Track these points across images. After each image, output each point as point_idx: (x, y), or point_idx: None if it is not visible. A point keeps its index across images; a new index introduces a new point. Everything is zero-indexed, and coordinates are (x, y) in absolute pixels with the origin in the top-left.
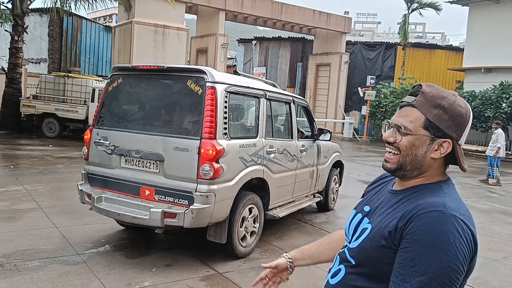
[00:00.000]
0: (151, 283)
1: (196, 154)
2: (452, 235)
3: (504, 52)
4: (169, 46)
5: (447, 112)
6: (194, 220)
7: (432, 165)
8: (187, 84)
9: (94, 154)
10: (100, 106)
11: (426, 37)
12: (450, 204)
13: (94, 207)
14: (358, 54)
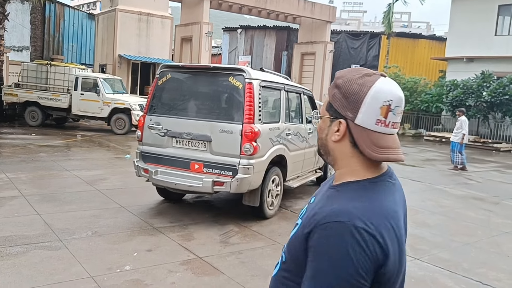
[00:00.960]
0: (132, 267)
1: (239, 135)
2: (352, 249)
3: (484, 42)
4: (153, 34)
5: (340, 90)
6: (238, 187)
7: (342, 151)
8: (229, 80)
9: (147, 136)
10: (151, 97)
11: (411, 26)
12: (358, 212)
13: (152, 179)
14: (343, 43)
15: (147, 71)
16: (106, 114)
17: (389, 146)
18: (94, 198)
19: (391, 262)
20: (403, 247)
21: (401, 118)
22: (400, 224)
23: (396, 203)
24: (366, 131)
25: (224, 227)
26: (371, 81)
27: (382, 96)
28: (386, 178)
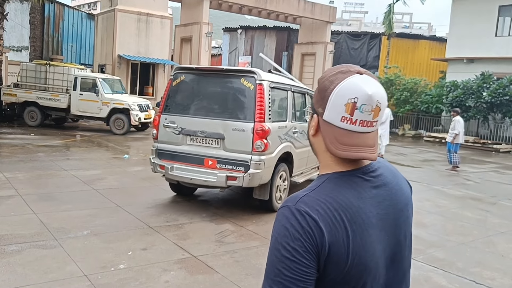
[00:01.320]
0: (127, 266)
1: (251, 133)
2: (292, 228)
3: (484, 43)
4: (153, 34)
5: (318, 86)
6: (250, 181)
7: (318, 146)
8: (241, 81)
9: (162, 134)
10: (166, 97)
11: (412, 27)
12: (306, 199)
13: (168, 175)
14: (343, 44)
15: (146, 72)
16: (105, 114)
17: (354, 143)
18: (91, 198)
19: (337, 253)
20: (364, 243)
21: (377, 117)
22: (359, 219)
23: (361, 198)
24: (331, 127)
25: (220, 227)
26: (341, 78)
27: (347, 93)
28: (355, 173)
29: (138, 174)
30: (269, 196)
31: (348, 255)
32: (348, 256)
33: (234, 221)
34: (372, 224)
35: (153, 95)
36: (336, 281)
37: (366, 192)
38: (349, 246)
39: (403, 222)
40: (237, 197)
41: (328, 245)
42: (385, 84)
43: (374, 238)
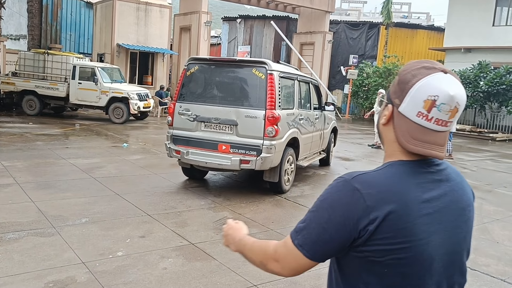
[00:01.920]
0: (124, 253)
1: (263, 120)
2: (338, 200)
3: (482, 33)
4: (152, 23)
5: (398, 77)
6: (262, 164)
7: (387, 136)
8: (252, 71)
9: (177, 121)
10: (180, 86)
11: (411, 17)
12: (363, 177)
13: (184, 159)
14: (342, 34)
15: (145, 60)
16: (104, 103)
17: (425, 140)
18: (89, 186)
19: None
20: (417, 230)
21: (453, 118)
22: (414, 206)
23: (420, 187)
24: (406, 120)
25: (218, 214)
26: (424, 74)
27: (429, 89)
28: (419, 163)
29: (137, 162)
30: (278, 179)
31: (397, 236)
32: (397, 237)
33: (232, 209)
34: (429, 213)
35: (152, 84)
36: (386, 266)
37: (427, 182)
38: (400, 230)
39: (463, 222)
40: (236, 186)
41: (375, 223)
42: (383, 73)
43: (429, 228)
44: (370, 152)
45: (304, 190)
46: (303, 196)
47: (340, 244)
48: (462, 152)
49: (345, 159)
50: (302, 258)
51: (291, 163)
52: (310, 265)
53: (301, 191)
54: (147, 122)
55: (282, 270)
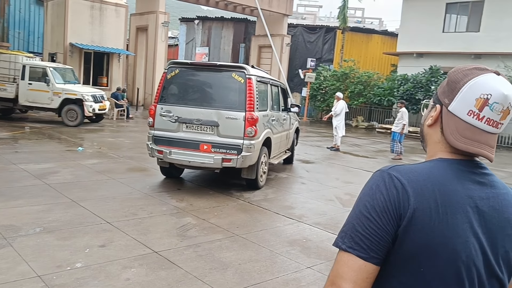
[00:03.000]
0: (84, 264)
1: (243, 121)
2: (376, 188)
3: (433, 39)
4: (107, 23)
5: (448, 78)
6: (242, 163)
7: (432, 137)
8: (232, 76)
9: (159, 122)
10: (161, 88)
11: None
12: (401, 167)
13: (166, 158)
14: (300, 37)
15: (100, 61)
16: (56, 105)
17: (475, 139)
18: (43, 193)
19: (422, 221)
20: (454, 224)
21: (504, 120)
22: (454, 201)
23: (461, 184)
24: (455, 119)
25: (181, 220)
26: (477, 74)
27: (482, 88)
28: (462, 162)
29: (94, 167)
30: (255, 176)
31: (435, 228)
32: (433, 228)
33: (196, 215)
34: (468, 212)
35: (107, 86)
36: (420, 260)
37: (469, 182)
38: (438, 220)
39: (506, 235)
40: (198, 190)
41: (413, 209)
42: (340, 77)
43: (469, 227)
44: (330, 154)
45: (267, 193)
46: (266, 200)
47: (388, 232)
48: (416, 154)
49: (306, 162)
50: (357, 261)
51: (265, 162)
52: (369, 271)
53: (264, 195)
54: (103, 125)
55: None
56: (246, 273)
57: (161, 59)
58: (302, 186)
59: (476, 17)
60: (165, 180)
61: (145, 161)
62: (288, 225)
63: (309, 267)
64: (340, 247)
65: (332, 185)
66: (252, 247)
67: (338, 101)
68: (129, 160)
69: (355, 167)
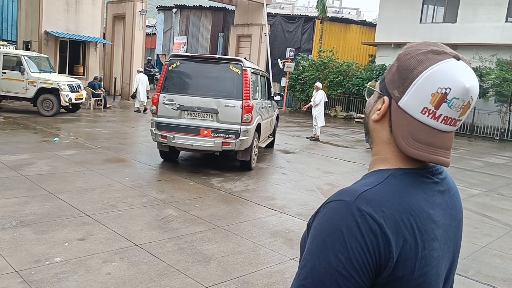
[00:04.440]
0: (63, 258)
1: (240, 108)
2: (349, 233)
3: (410, 30)
4: (83, 10)
5: (398, 62)
6: (240, 146)
7: (380, 135)
8: (229, 67)
9: (161, 110)
10: (163, 79)
11: (342, 12)
12: (369, 195)
13: (170, 143)
14: (278, 26)
15: (76, 50)
16: (32, 95)
17: (431, 143)
18: (19, 185)
19: (404, 268)
20: (431, 257)
21: (463, 116)
22: (428, 228)
23: (430, 203)
24: (407, 118)
25: (162, 212)
26: (434, 60)
27: (439, 80)
28: (423, 173)
29: (71, 158)
30: (249, 157)
31: (414, 271)
32: (414, 272)
33: (176, 206)
34: (438, 236)
35: (84, 75)
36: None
37: (434, 196)
38: (417, 260)
39: (459, 236)
40: (178, 181)
41: (395, 257)
42: (319, 67)
43: (439, 253)
44: (309, 144)
45: (248, 184)
46: (248, 191)
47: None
48: None
49: (286, 152)
50: None
51: (256, 145)
52: None
53: (245, 186)
54: (79, 115)
55: None
56: (229, 265)
57: (138, 48)
58: (283, 177)
59: (453, 8)
60: (145, 171)
61: (123, 152)
62: (270, 216)
63: (292, 259)
64: None
65: (312, 175)
66: (234, 239)
67: (317, 91)
68: (107, 151)
69: (335, 157)
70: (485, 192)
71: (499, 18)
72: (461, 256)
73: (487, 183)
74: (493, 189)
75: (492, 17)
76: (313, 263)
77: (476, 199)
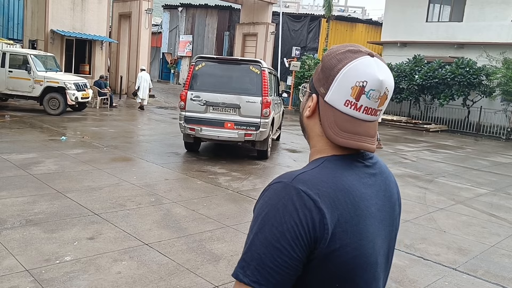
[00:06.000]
0: (73, 257)
1: (260, 104)
2: (284, 209)
3: (416, 28)
4: (89, 9)
5: (322, 63)
6: (260, 137)
7: (313, 129)
8: (250, 68)
9: (189, 105)
10: (190, 78)
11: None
12: (305, 176)
13: (198, 134)
14: (284, 25)
15: (82, 48)
16: (38, 93)
17: (355, 131)
18: (27, 184)
19: (340, 240)
20: (366, 232)
21: (382, 106)
22: (362, 205)
23: (362, 184)
24: (333, 111)
25: (170, 211)
26: (351, 58)
27: (356, 75)
28: (354, 158)
29: (78, 157)
30: (266, 147)
31: (349, 243)
32: (349, 244)
33: (184, 205)
34: (372, 214)
35: (90, 74)
36: (334, 274)
37: (366, 178)
38: (352, 234)
39: (395, 217)
40: (185, 180)
41: (330, 230)
42: None
43: (374, 229)
44: None
45: (255, 183)
46: (255, 190)
47: (301, 260)
48: (401, 143)
49: (292, 151)
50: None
51: (271, 136)
52: None
53: (253, 185)
54: (86, 114)
55: None
56: None
57: (144, 46)
58: None
59: (459, 7)
60: (152, 170)
61: (130, 150)
62: None
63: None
64: (241, 280)
65: None
66: (243, 238)
67: None
68: (114, 150)
69: None
70: (493, 192)
71: (505, 16)
72: (470, 256)
73: (494, 183)
74: (501, 188)
75: (499, 15)
76: (252, 239)
77: (483, 199)
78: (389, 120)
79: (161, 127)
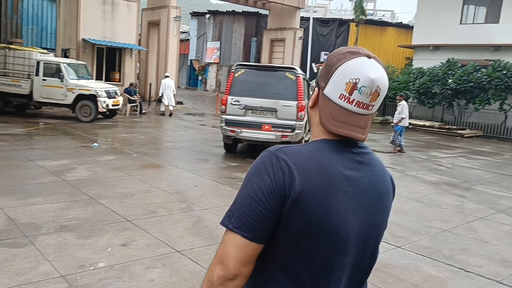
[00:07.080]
0: (107, 264)
1: (296, 107)
2: (264, 170)
3: (449, 31)
4: (119, 18)
5: (326, 62)
6: (295, 138)
7: (314, 119)
8: (286, 74)
9: (230, 109)
10: (231, 84)
11: (376, 14)
12: (288, 148)
13: (238, 136)
14: (313, 30)
15: (112, 56)
16: (70, 101)
17: (346, 122)
18: (61, 190)
19: (307, 203)
20: (335, 204)
21: (374, 102)
22: (337, 181)
23: (344, 166)
24: (329, 102)
25: (202, 218)
26: (348, 58)
27: (351, 72)
28: (342, 143)
29: (110, 163)
30: None
31: (317, 208)
32: (315, 209)
33: (215, 212)
34: (348, 192)
35: (120, 81)
36: (298, 233)
37: (349, 162)
38: (320, 201)
39: (381, 208)
40: (214, 187)
41: (298, 191)
42: None
43: (347, 205)
44: None
45: None
46: None
47: (274, 213)
48: (434, 149)
49: None
50: (242, 241)
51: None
52: (253, 249)
53: None
54: (116, 121)
55: (226, 270)
56: None
57: (173, 54)
58: None
59: (495, 8)
60: (182, 177)
61: (159, 157)
62: None
63: None
64: (227, 226)
65: None
66: None
67: None
68: (144, 156)
69: None
70: None
71: None
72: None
73: None
74: None
75: None
76: (238, 194)
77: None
78: (421, 126)
79: (189, 134)
